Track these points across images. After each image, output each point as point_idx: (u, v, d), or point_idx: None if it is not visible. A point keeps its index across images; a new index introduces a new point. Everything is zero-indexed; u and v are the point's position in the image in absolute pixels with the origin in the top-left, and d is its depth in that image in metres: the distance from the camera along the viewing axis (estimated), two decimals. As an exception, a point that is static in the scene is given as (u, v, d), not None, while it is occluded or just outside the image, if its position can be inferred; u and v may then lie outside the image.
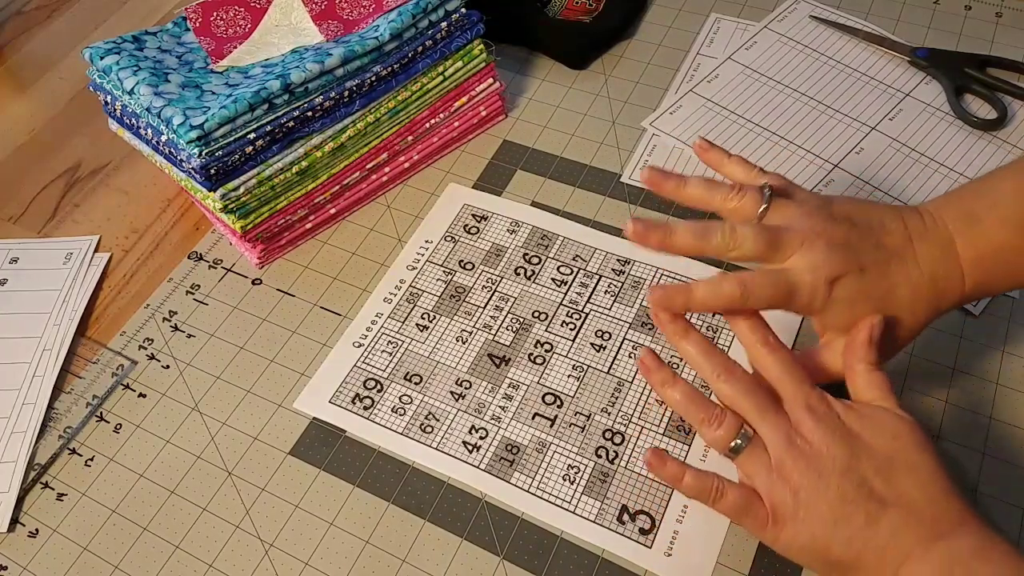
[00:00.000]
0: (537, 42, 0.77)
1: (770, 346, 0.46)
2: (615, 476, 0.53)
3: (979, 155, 0.65)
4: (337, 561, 0.51)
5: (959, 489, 0.42)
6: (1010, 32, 0.74)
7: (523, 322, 0.60)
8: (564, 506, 0.52)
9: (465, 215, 0.66)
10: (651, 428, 0.54)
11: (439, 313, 0.61)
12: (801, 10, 0.78)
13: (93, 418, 0.59)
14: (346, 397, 0.57)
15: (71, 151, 0.76)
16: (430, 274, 0.63)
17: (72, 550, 0.53)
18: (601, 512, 0.51)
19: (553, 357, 0.58)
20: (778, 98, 0.71)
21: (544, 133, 0.72)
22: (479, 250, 0.64)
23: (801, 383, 0.45)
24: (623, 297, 0.60)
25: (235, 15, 0.67)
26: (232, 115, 0.57)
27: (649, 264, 0.62)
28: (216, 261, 0.67)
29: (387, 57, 0.63)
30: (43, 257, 0.68)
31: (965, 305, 0.54)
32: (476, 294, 0.62)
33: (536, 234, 0.64)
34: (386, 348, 0.60)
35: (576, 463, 0.53)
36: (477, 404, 0.56)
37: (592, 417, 0.55)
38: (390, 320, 0.61)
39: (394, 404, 0.57)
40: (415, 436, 0.55)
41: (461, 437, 0.55)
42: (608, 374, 0.57)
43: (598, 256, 0.63)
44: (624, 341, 0.58)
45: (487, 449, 0.54)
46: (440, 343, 0.59)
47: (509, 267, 0.63)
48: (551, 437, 0.54)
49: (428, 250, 0.64)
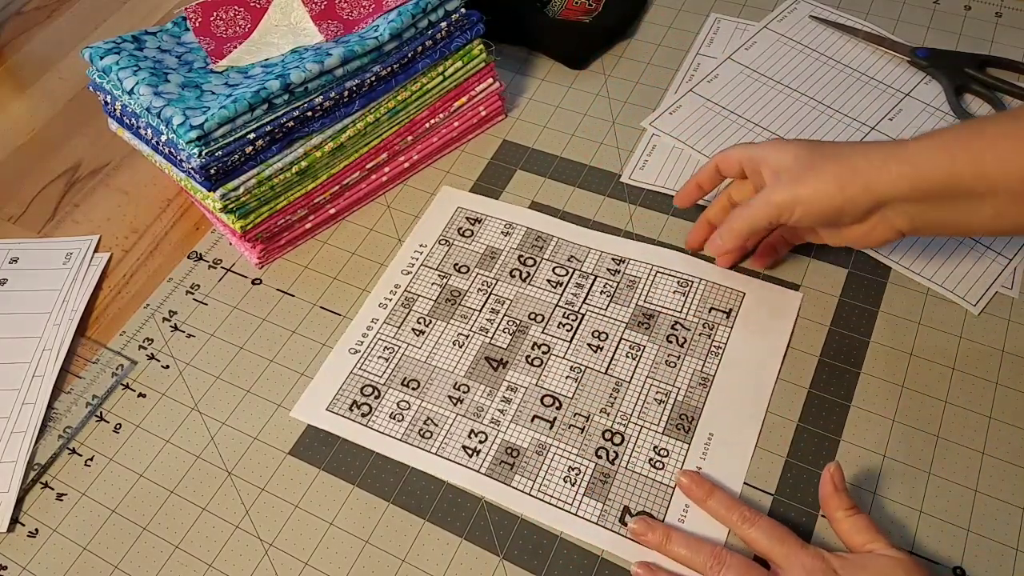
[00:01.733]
0: (537, 42, 0.77)
1: (748, 521, 0.48)
2: (616, 477, 0.53)
3: (979, 155, 0.65)
4: (337, 561, 0.51)
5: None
6: (1010, 32, 0.74)
7: (519, 324, 0.60)
8: (566, 508, 0.52)
9: (459, 218, 0.66)
10: (651, 427, 0.54)
11: (435, 317, 0.61)
12: (801, 10, 0.78)
13: (93, 418, 0.59)
14: (343, 404, 0.57)
15: (71, 151, 0.76)
16: (425, 278, 0.63)
17: (72, 550, 0.53)
18: (603, 513, 0.51)
19: (550, 359, 0.58)
20: (778, 98, 0.71)
21: (544, 133, 0.72)
22: (474, 253, 0.64)
23: (791, 547, 0.46)
24: (619, 297, 0.60)
25: (235, 15, 0.67)
26: (232, 115, 0.57)
27: (644, 263, 0.62)
28: (216, 261, 0.67)
29: (387, 57, 0.63)
30: (43, 257, 0.68)
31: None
32: (472, 297, 0.61)
33: (531, 236, 0.64)
34: (382, 354, 0.59)
35: (576, 465, 0.53)
36: (476, 408, 0.56)
37: (591, 418, 0.55)
38: (386, 325, 0.61)
39: (392, 410, 0.57)
40: (414, 442, 0.55)
41: (461, 441, 0.55)
42: (606, 374, 0.57)
43: (593, 256, 0.63)
44: (621, 341, 0.58)
45: (487, 453, 0.54)
46: (437, 347, 0.59)
47: (504, 269, 0.63)
48: (550, 439, 0.54)
49: (423, 254, 0.64)
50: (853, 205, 0.50)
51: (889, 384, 0.55)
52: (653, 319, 0.59)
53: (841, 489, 0.48)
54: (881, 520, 0.50)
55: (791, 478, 0.52)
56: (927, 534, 0.49)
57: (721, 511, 0.49)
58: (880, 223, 0.52)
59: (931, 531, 0.49)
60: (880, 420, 0.54)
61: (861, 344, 0.57)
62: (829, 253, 0.61)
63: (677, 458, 0.53)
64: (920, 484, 0.51)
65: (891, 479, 0.51)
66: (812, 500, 0.51)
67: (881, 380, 0.55)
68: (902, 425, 0.53)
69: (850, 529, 0.47)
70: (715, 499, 0.50)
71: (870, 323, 0.58)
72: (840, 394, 0.55)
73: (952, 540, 0.49)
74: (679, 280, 0.60)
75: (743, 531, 0.48)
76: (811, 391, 0.55)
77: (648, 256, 0.62)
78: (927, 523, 0.50)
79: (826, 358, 0.57)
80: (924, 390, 0.55)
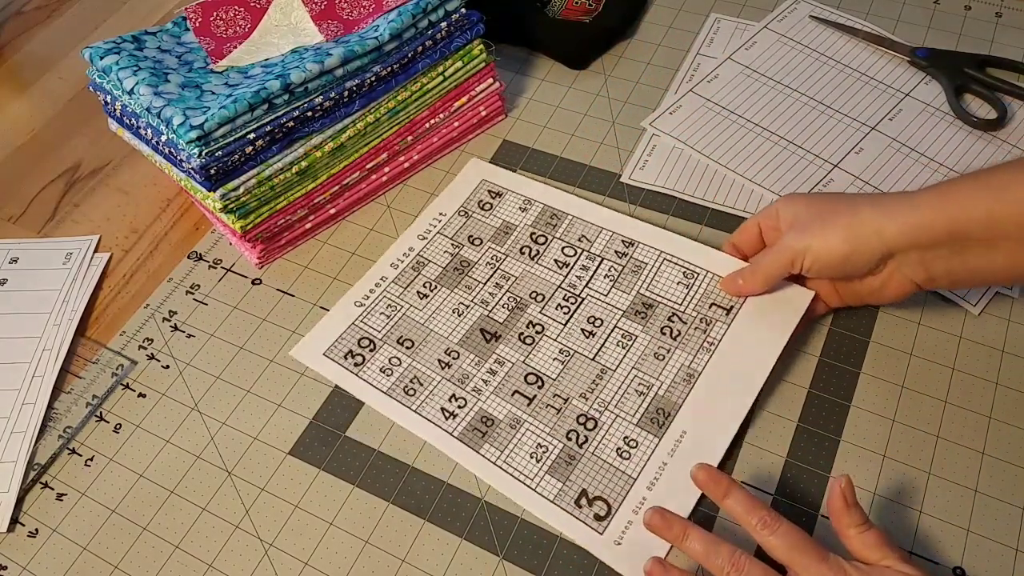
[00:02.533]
0: (537, 42, 0.77)
1: (769, 527, 0.46)
2: (581, 460, 0.53)
3: (979, 155, 0.65)
4: (337, 561, 0.51)
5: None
6: (1010, 32, 0.74)
7: (519, 301, 0.61)
8: (526, 482, 0.52)
9: (481, 191, 0.67)
10: (625, 418, 0.54)
11: (441, 284, 0.62)
12: (801, 10, 0.78)
13: (93, 418, 0.59)
14: (340, 352, 0.59)
15: (71, 151, 0.76)
16: (439, 245, 0.64)
17: (72, 550, 0.53)
18: (560, 493, 0.52)
19: (543, 339, 0.59)
20: (778, 98, 0.71)
21: (544, 133, 0.72)
22: (489, 227, 0.65)
23: (811, 557, 0.44)
24: (622, 282, 0.61)
25: (235, 15, 0.67)
26: (232, 115, 0.57)
27: (653, 248, 0.62)
28: (216, 261, 0.67)
29: (387, 57, 0.63)
30: (43, 257, 0.68)
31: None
32: (479, 270, 0.63)
33: (546, 213, 0.65)
34: (384, 311, 0.61)
35: (545, 443, 0.54)
36: (461, 374, 0.57)
37: (570, 401, 0.56)
38: (393, 285, 0.63)
39: (383, 364, 0.58)
40: (397, 397, 0.57)
41: (440, 404, 0.56)
42: (593, 361, 0.57)
43: (604, 236, 0.63)
44: (615, 329, 0.58)
45: (463, 418, 0.55)
46: (437, 312, 0.61)
47: (515, 246, 0.64)
48: (526, 415, 0.55)
49: (440, 222, 0.66)
50: (862, 254, 0.51)
51: (889, 384, 0.55)
52: (651, 309, 0.59)
53: (852, 504, 0.45)
54: (881, 520, 0.50)
55: (791, 478, 0.52)
56: (927, 534, 0.49)
57: (739, 511, 0.47)
58: (894, 274, 0.52)
59: (931, 531, 0.49)
60: (880, 420, 0.54)
61: (861, 344, 0.57)
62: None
63: (645, 451, 0.53)
64: (920, 484, 0.51)
65: (891, 479, 0.51)
66: (812, 500, 0.51)
67: (881, 380, 0.55)
68: (902, 425, 0.53)
69: (862, 546, 0.45)
70: (733, 498, 0.47)
71: (870, 323, 0.58)
72: (840, 394, 0.55)
73: (952, 540, 0.49)
74: (685, 271, 0.60)
75: (762, 536, 0.46)
76: (811, 391, 0.55)
77: (659, 241, 0.62)
78: (927, 523, 0.50)
79: (826, 358, 0.57)
80: (924, 390, 0.55)
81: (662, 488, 0.51)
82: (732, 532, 0.50)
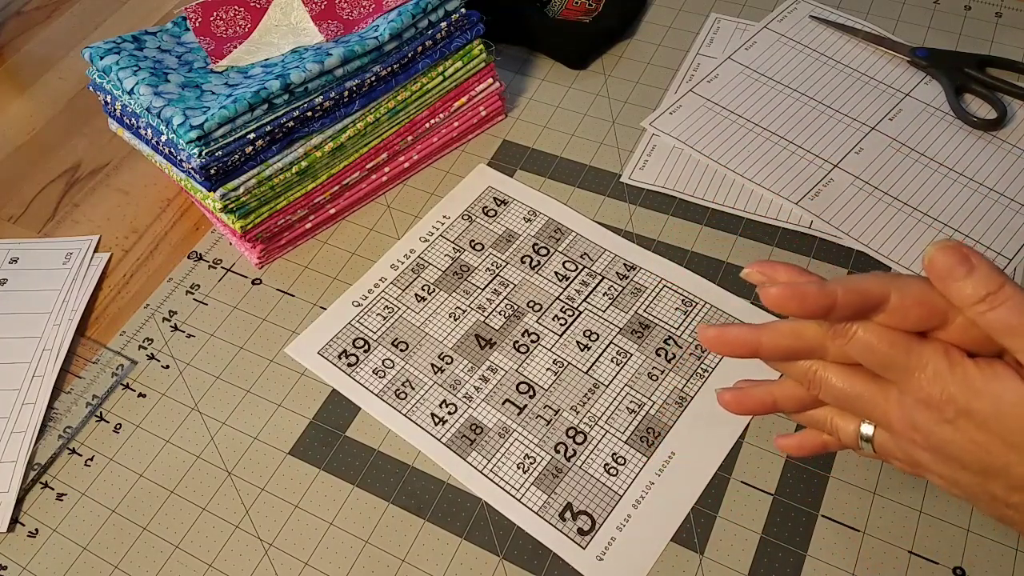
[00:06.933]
0: (537, 42, 0.77)
1: (842, 335, 0.35)
2: (568, 473, 0.53)
3: (979, 155, 0.65)
4: (337, 561, 0.51)
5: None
6: (1010, 32, 0.74)
7: (516, 309, 0.60)
8: (512, 492, 0.52)
9: (487, 197, 0.67)
10: (615, 434, 0.54)
11: (439, 287, 0.62)
12: (801, 10, 0.78)
13: (93, 418, 0.59)
14: (334, 351, 0.60)
15: (71, 151, 0.76)
16: (440, 249, 0.64)
17: (72, 550, 0.53)
18: (545, 505, 0.52)
19: (537, 348, 0.58)
20: (778, 98, 0.71)
21: (544, 133, 0.72)
22: (492, 233, 0.65)
23: (910, 357, 0.33)
24: (620, 302, 0.60)
25: (235, 15, 0.67)
26: (232, 115, 0.57)
27: (654, 274, 0.61)
28: (216, 261, 0.67)
29: (387, 57, 0.63)
30: (43, 257, 0.68)
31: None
32: (479, 275, 0.62)
33: (551, 226, 0.65)
34: (381, 312, 0.61)
35: (533, 454, 0.54)
36: (453, 380, 0.57)
37: (560, 413, 0.55)
38: (392, 286, 0.63)
39: (376, 366, 0.58)
40: (389, 400, 0.57)
41: (431, 409, 0.56)
42: (587, 374, 0.57)
43: (606, 257, 0.63)
44: (610, 345, 0.58)
45: (452, 424, 0.55)
46: (433, 316, 0.61)
47: (517, 254, 0.63)
48: (516, 424, 0.55)
49: (444, 225, 0.66)
50: None
51: (889, 384, 0.55)
52: (648, 329, 0.59)
53: (980, 263, 0.30)
54: (881, 520, 0.50)
55: (791, 478, 0.52)
56: (927, 534, 0.49)
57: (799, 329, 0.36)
58: None
59: (931, 531, 0.49)
60: (880, 420, 0.54)
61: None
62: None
63: (633, 469, 0.53)
64: (920, 484, 0.51)
65: (891, 479, 0.51)
66: (812, 500, 0.51)
67: (881, 380, 0.55)
68: (902, 425, 0.53)
69: (999, 325, 0.30)
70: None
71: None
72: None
73: (952, 540, 0.49)
74: (684, 299, 0.60)
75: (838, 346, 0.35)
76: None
77: (661, 269, 0.62)
78: (927, 523, 0.50)
79: (826, 358, 0.57)
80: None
81: (648, 506, 0.51)
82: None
